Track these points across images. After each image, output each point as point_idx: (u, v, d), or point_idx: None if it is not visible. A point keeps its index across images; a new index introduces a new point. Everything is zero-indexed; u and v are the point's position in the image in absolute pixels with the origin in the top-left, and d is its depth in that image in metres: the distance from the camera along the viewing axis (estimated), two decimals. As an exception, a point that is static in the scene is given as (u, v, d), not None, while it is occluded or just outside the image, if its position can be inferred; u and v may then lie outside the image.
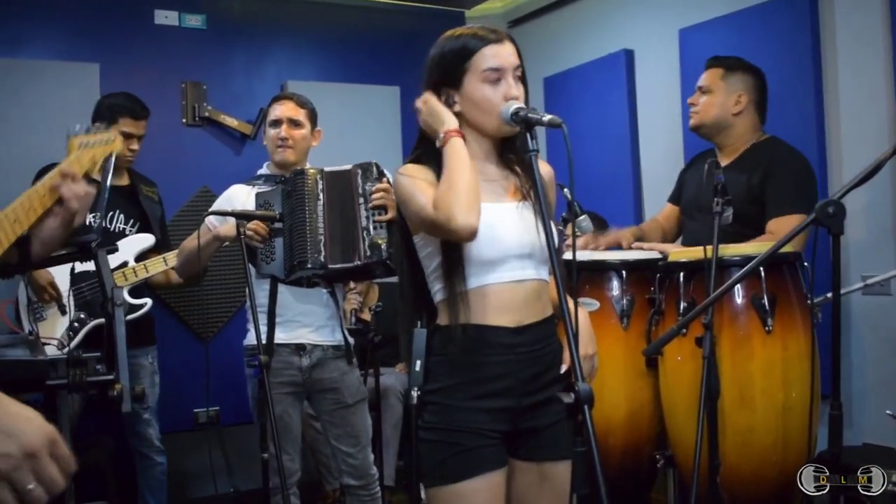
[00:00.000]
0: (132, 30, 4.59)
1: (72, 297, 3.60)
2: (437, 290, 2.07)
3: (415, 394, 2.04)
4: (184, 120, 4.70)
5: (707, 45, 4.02)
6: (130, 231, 3.83)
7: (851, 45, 3.47)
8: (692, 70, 4.04)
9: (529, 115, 1.86)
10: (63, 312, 3.57)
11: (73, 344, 3.49)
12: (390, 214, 2.94)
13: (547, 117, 1.82)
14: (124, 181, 3.87)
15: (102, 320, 3.47)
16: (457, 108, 2.05)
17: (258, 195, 3.12)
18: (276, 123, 3.27)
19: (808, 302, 2.68)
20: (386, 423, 4.40)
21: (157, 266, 3.67)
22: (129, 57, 4.55)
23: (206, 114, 4.69)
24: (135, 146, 3.78)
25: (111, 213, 3.76)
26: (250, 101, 4.84)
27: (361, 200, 3.01)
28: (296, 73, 4.95)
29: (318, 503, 4.45)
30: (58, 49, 4.42)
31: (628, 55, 4.56)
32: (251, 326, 3.16)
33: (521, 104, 1.93)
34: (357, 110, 5.01)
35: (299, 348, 3.18)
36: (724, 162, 3.21)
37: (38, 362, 2.17)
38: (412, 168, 2.06)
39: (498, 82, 1.99)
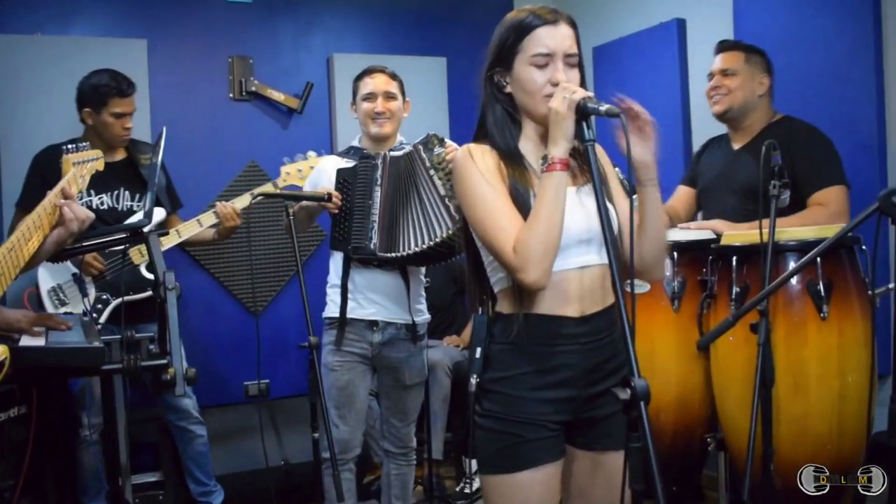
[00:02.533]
0: (179, 5, 4.59)
1: (91, 281, 3.64)
2: (498, 280, 2.06)
3: (474, 380, 2.04)
4: (231, 94, 4.69)
5: (761, 15, 3.92)
6: (138, 207, 3.78)
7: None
8: (746, 40, 3.94)
9: (588, 105, 1.80)
10: (84, 294, 3.59)
11: (101, 321, 3.54)
12: None
13: (604, 107, 1.77)
14: (120, 155, 3.81)
15: (124, 298, 3.55)
16: (507, 89, 2.03)
17: (339, 171, 3.25)
18: (371, 97, 3.32)
19: (867, 289, 2.61)
20: (434, 397, 4.42)
21: (172, 239, 3.65)
22: (175, 32, 4.56)
23: (253, 88, 4.68)
24: (128, 124, 3.72)
25: (116, 192, 3.75)
26: (297, 74, 4.82)
27: (432, 172, 3.01)
28: (342, 46, 4.92)
29: (367, 474, 4.50)
30: (106, 25, 4.43)
31: (680, 24, 4.45)
32: (329, 300, 3.33)
33: (585, 94, 1.84)
34: (404, 82, 4.96)
35: (372, 324, 3.25)
36: (739, 144, 3.29)
37: (95, 349, 2.20)
38: (477, 153, 2.00)
39: (546, 67, 1.95)
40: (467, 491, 4.27)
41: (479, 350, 2.04)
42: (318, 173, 3.42)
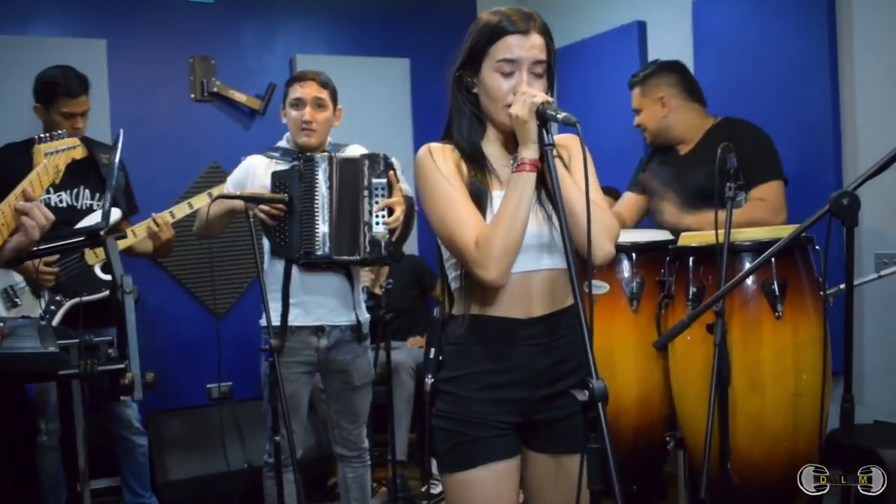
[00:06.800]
0: (139, 5, 4.56)
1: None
2: (454, 278, 2.07)
3: (428, 381, 2.06)
4: (192, 95, 4.67)
5: (720, 18, 3.98)
6: (97, 206, 3.70)
7: (869, 22, 3.38)
8: (705, 43, 4.00)
9: (547, 111, 1.81)
10: (37, 296, 3.52)
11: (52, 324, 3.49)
12: (397, 214, 3.05)
13: (562, 115, 1.77)
14: (79, 153, 3.76)
15: (78, 300, 3.48)
16: (475, 90, 2.03)
17: (274, 174, 3.16)
18: (299, 104, 3.22)
19: (820, 288, 2.66)
20: (398, 398, 4.43)
21: (127, 240, 3.57)
22: (136, 32, 4.53)
23: (215, 89, 4.66)
24: (79, 124, 3.63)
25: (76, 189, 3.68)
26: (259, 75, 4.81)
27: (366, 193, 3.05)
28: (305, 47, 4.92)
29: (331, 476, 4.49)
30: (65, 25, 4.39)
31: (641, 27, 4.50)
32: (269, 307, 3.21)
33: (544, 98, 1.85)
34: (367, 83, 4.97)
35: (318, 330, 3.21)
36: (685, 150, 3.37)
37: (51, 354, 2.16)
38: (437, 152, 2.01)
39: (511, 75, 1.95)
40: (433, 492, 4.28)
41: (432, 351, 2.06)
42: (245, 173, 3.29)
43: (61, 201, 3.65)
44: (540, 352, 1.99)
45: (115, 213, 3.66)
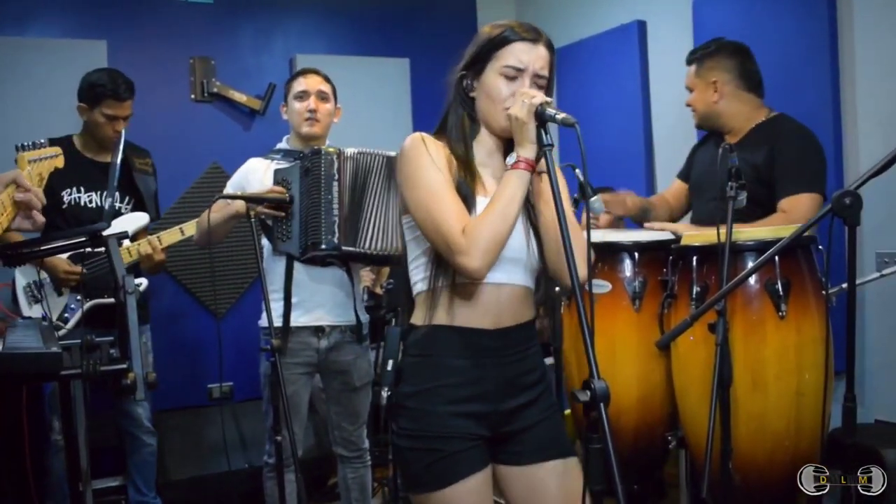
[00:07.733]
0: (139, 6, 4.54)
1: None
2: (418, 281, 2.05)
3: (385, 394, 2.00)
4: (192, 96, 4.67)
5: (721, 17, 3.97)
6: (126, 209, 3.75)
7: (869, 21, 3.38)
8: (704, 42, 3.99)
9: (546, 111, 1.83)
10: (59, 294, 3.55)
11: (69, 325, 3.50)
12: None
13: (560, 115, 1.79)
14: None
15: (99, 301, 3.49)
16: (473, 94, 2.04)
17: (276, 172, 3.17)
18: (304, 96, 3.28)
19: (823, 287, 2.65)
20: (397, 398, 4.42)
21: (124, 256, 3.56)
22: (136, 33, 4.51)
23: (215, 89, 4.66)
24: (119, 128, 3.66)
25: (106, 192, 3.69)
26: (259, 76, 4.80)
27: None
28: (305, 47, 4.91)
29: (332, 476, 4.49)
30: (65, 26, 4.38)
31: (641, 27, 4.49)
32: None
33: (544, 99, 1.87)
34: (367, 83, 4.96)
35: (318, 330, 3.21)
36: (730, 142, 3.21)
37: (51, 354, 2.15)
38: (430, 141, 2.01)
39: (514, 80, 1.97)
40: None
41: (390, 363, 2.01)
42: (244, 176, 3.31)
43: (91, 202, 3.67)
44: (508, 363, 1.99)
45: (143, 218, 3.70)
